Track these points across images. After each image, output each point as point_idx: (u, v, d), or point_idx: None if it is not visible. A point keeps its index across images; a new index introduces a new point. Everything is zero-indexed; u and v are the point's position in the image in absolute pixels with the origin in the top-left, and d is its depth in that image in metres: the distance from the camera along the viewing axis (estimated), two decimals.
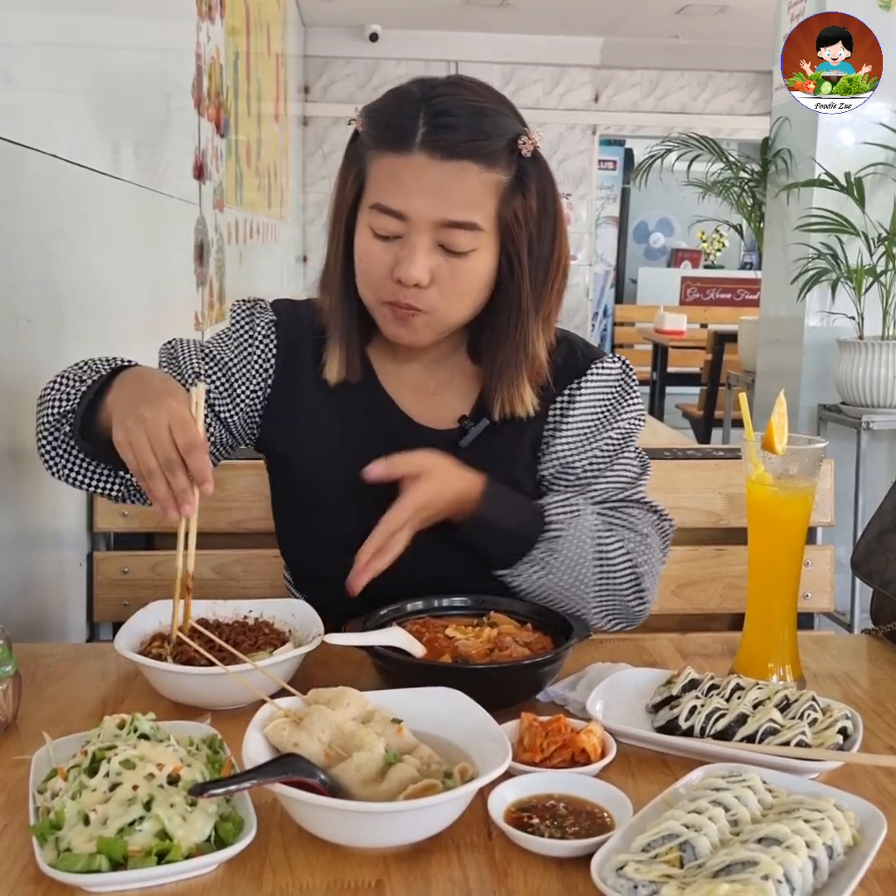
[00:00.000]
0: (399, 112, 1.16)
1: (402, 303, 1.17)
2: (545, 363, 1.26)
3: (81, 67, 1.91)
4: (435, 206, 1.14)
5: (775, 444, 1.05)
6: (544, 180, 1.20)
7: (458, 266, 1.17)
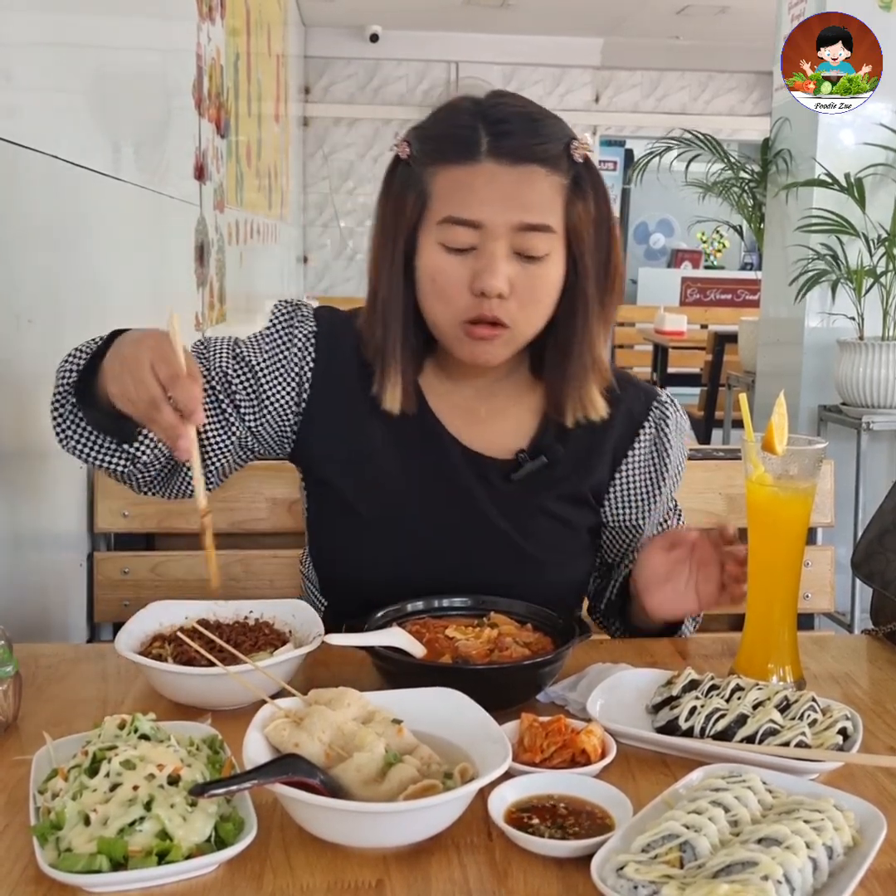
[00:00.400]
0: (456, 124, 1.16)
1: (487, 317, 1.15)
2: (608, 366, 1.27)
3: (82, 68, 1.92)
4: (509, 211, 1.13)
5: (775, 445, 1.05)
6: (598, 185, 1.20)
7: (535, 273, 1.16)
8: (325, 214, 8.59)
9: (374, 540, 1.26)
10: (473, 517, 1.26)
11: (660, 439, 1.32)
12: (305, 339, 1.27)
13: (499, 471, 1.27)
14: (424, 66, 8.40)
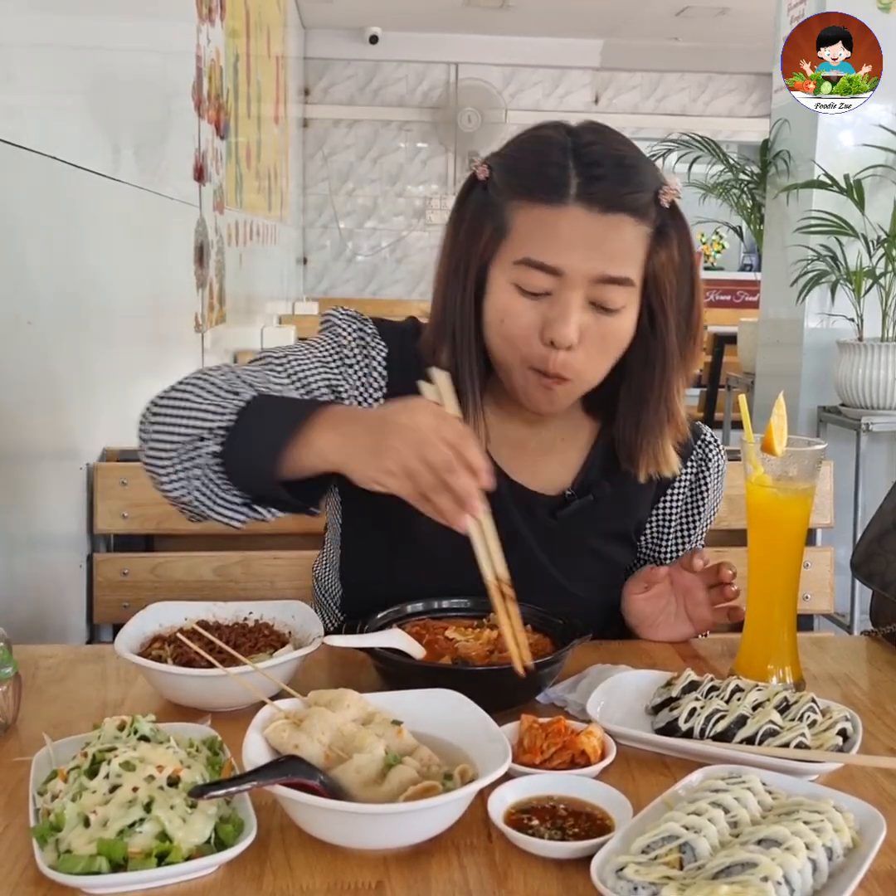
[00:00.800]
0: (546, 161, 1.10)
1: (551, 372, 1.11)
2: (684, 420, 1.23)
3: (82, 69, 1.92)
4: (593, 261, 1.08)
5: (775, 446, 1.05)
6: (683, 231, 1.15)
7: (607, 324, 1.11)
8: (324, 216, 8.59)
9: (411, 566, 1.23)
10: (517, 551, 1.21)
11: (698, 479, 1.32)
12: (380, 363, 1.22)
13: (544, 507, 1.25)
14: (424, 68, 8.40)
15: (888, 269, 3.43)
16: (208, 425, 1.08)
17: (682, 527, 1.35)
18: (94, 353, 1.97)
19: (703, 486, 1.33)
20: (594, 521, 1.27)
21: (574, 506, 1.25)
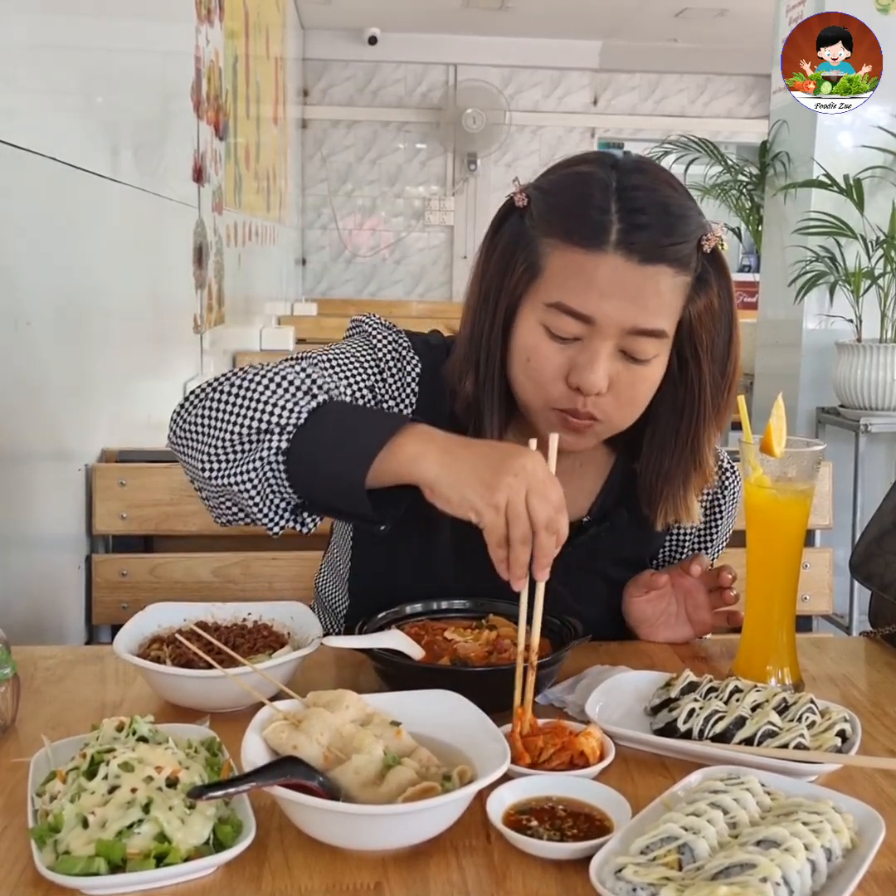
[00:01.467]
0: (587, 202, 1.06)
1: (580, 412, 1.09)
2: (713, 470, 1.20)
3: (80, 70, 1.92)
4: (627, 313, 1.05)
5: (774, 447, 1.05)
6: (723, 278, 1.12)
7: (638, 373, 1.09)
8: (323, 216, 8.59)
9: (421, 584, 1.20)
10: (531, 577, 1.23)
11: (713, 505, 1.32)
12: (413, 378, 1.20)
13: None
14: (423, 69, 8.40)
15: (887, 270, 3.43)
16: (278, 420, 1.03)
17: (694, 551, 1.35)
18: (93, 354, 1.97)
19: (718, 511, 1.33)
20: (610, 548, 1.26)
21: (591, 533, 1.24)
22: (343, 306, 7.52)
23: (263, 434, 1.04)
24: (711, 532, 1.34)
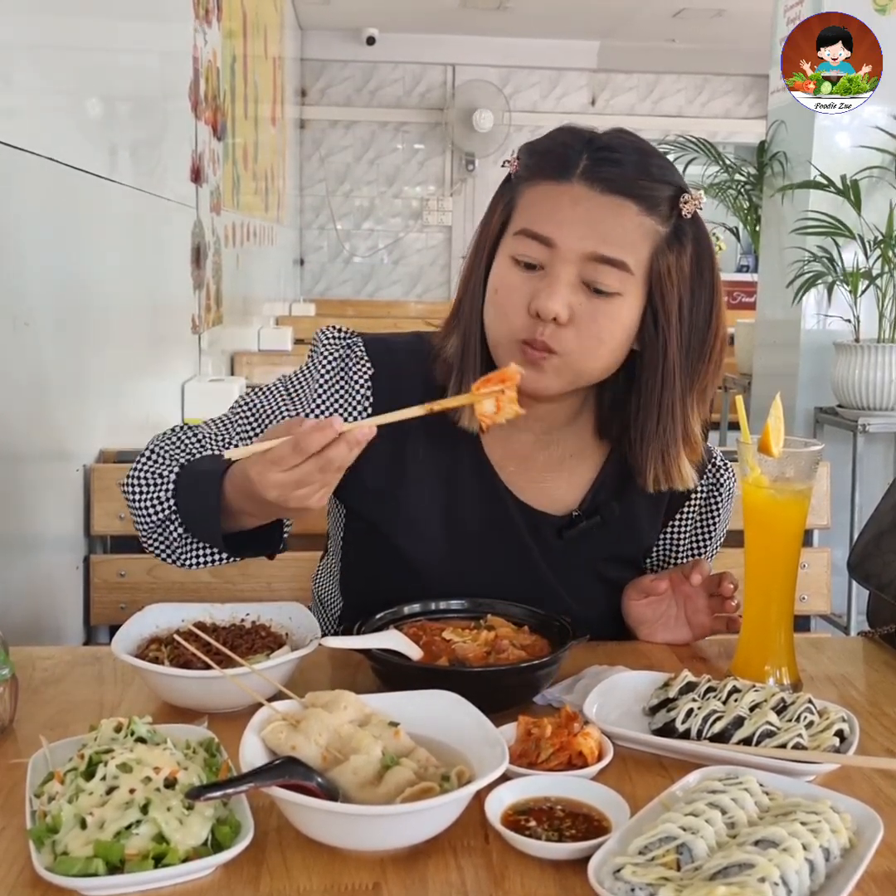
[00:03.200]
0: (562, 143, 1.13)
1: (537, 341, 1.10)
2: (700, 440, 1.20)
3: (79, 70, 1.92)
4: (586, 237, 1.08)
5: (772, 447, 1.05)
6: (703, 245, 1.14)
7: (600, 307, 1.10)
8: (321, 217, 8.59)
9: (414, 583, 1.21)
10: (523, 569, 1.23)
11: (709, 503, 1.32)
12: (363, 385, 1.21)
13: (551, 526, 1.24)
14: (421, 69, 8.40)
15: (884, 270, 3.43)
16: (159, 517, 1.18)
17: (691, 550, 1.34)
18: (91, 355, 1.97)
19: (715, 509, 1.33)
20: (601, 543, 1.26)
21: (581, 526, 1.23)
22: (341, 307, 7.52)
23: (166, 524, 1.19)
24: (709, 530, 1.34)
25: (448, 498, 1.23)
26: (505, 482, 1.24)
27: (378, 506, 1.23)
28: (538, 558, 1.24)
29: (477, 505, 1.23)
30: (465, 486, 1.23)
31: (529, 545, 1.24)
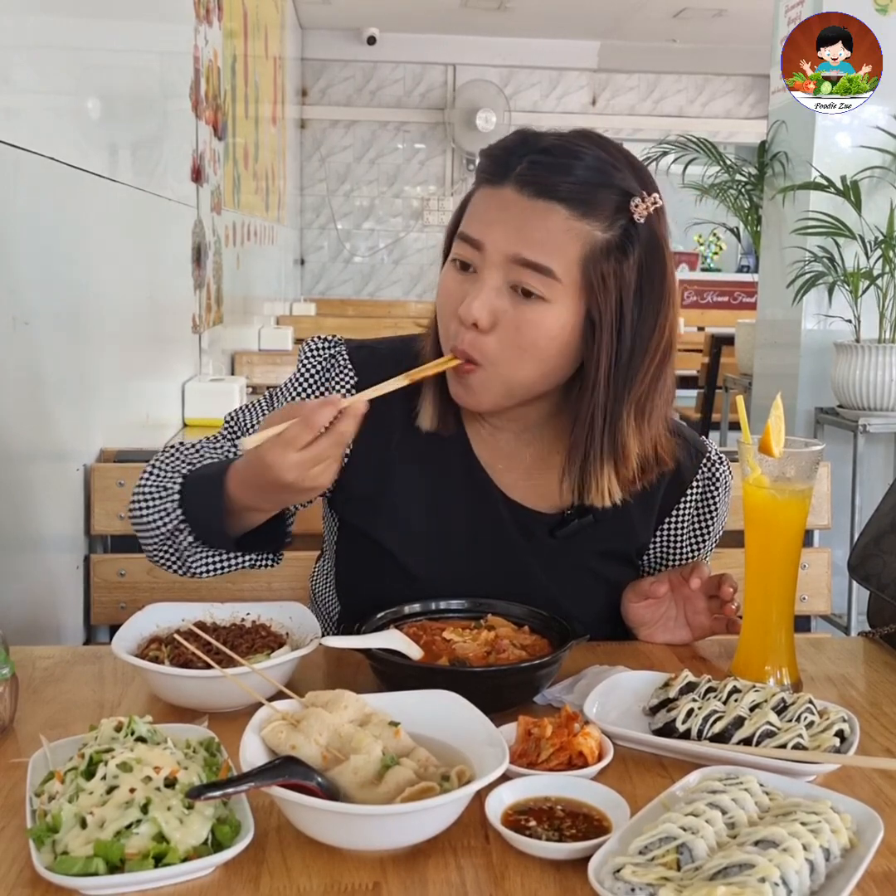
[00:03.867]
0: (507, 147, 1.13)
1: (457, 349, 1.10)
2: (633, 456, 1.14)
3: (79, 70, 1.92)
4: (510, 239, 1.08)
5: (772, 447, 1.05)
6: (653, 253, 1.10)
7: (525, 315, 1.08)
8: (322, 216, 8.59)
9: (406, 587, 1.21)
10: (512, 569, 1.23)
11: (706, 498, 1.31)
12: (347, 392, 1.22)
13: (543, 524, 1.23)
14: (421, 69, 8.41)
15: (885, 270, 3.43)
16: (168, 528, 1.19)
17: (691, 545, 1.33)
18: (91, 354, 1.97)
19: (713, 504, 1.31)
20: (594, 542, 1.25)
21: (573, 526, 1.23)
22: (341, 306, 7.52)
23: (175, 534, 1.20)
24: (708, 525, 1.32)
25: (437, 499, 1.23)
26: (495, 481, 1.24)
27: (367, 512, 1.24)
28: (530, 557, 1.24)
29: (467, 504, 1.23)
30: (455, 486, 1.23)
31: (521, 544, 1.23)
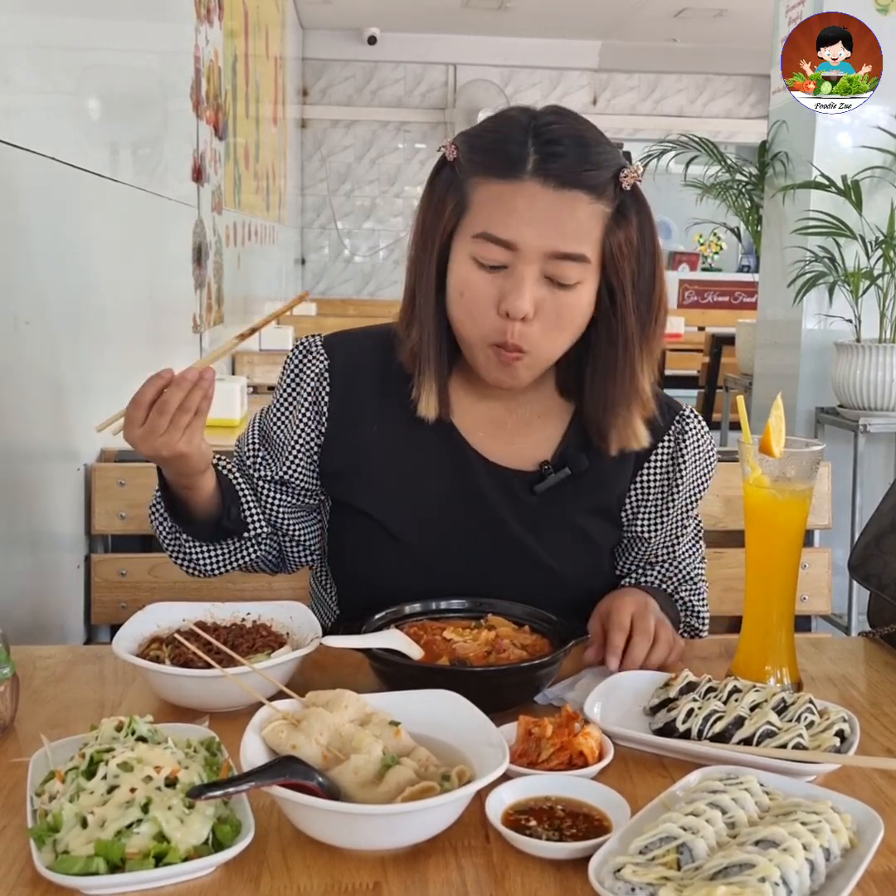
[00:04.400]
0: (506, 138, 1.14)
1: (509, 344, 1.14)
2: (651, 397, 1.24)
3: (80, 70, 1.92)
4: (546, 237, 1.11)
5: (773, 447, 1.05)
6: (643, 214, 1.18)
7: (562, 299, 1.14)
8: (322, 216, 8.59)
9: (393, 554, 1.25)
10: (497, 531, 1.25)
11: (677, 452, 1.31)
12: (318, 376, 1.28)
13: (523, 483, 1.26)
14: (422, 69, 8.40)
15: (886, 270, 3.43)
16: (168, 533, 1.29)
17: (659, 502, 1.31)
18: (92, 354, 1.97)
19: (681, 459, 1.31)
20: (574, 497, 1.27)
21: (551, 479, 1.26)
22: (342, 306, 7.52)
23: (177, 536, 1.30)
24: (677, 481, 1.31)
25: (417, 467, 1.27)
26: (475, 446, 1.27)
27: (350, 483, 1.28)
28: (513, 516, 1.25)
29: (450, 473, 1.26)
30: (438, 456, 1.26)
31: (504, 504, 1.26)
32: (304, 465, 1.29)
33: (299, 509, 1.33)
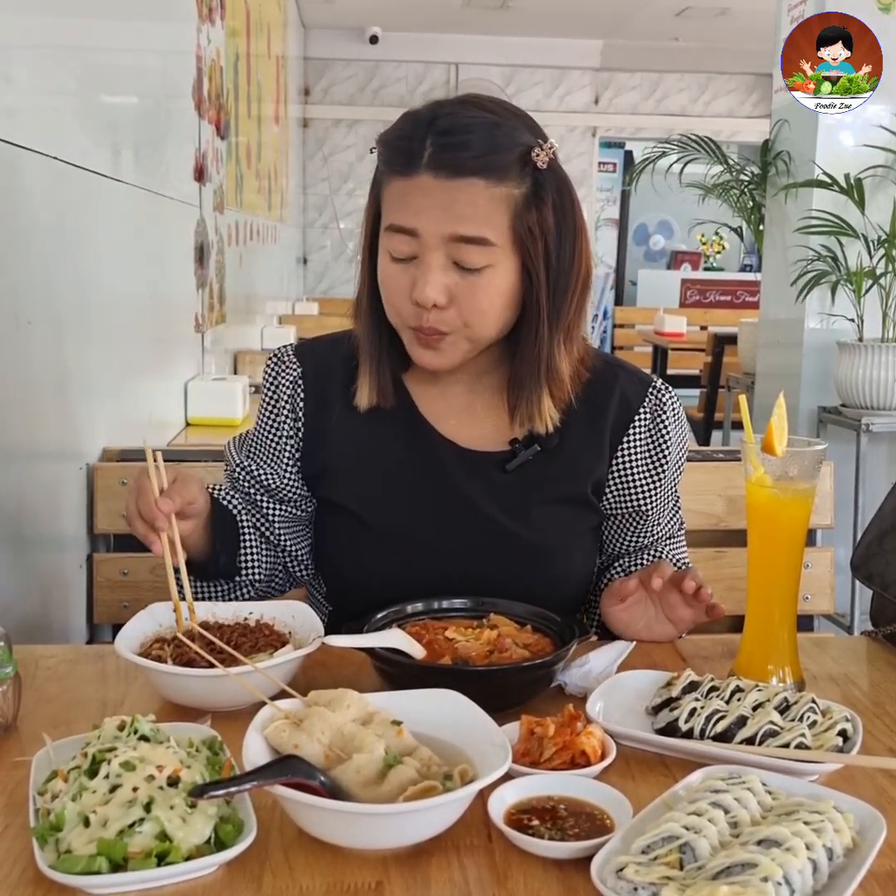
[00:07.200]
0: (406, 135, 1.17)
1: (424, 327, 1.17)
2: (566, 377, 1.24)
3: (82, 70, 1.92)
4: (443, 221, 1.13)
5: (775, 447, 1.05)
6: (562, 191, 1.19)
7: (475, 283, 1.16)
8: (324, 216, 8.60)
9: (375, 546, 1.27)
10: (471, 515, 1.26)
11: (657, 425, 1.31)
12: (293, 384, 1.32)
13: (494, 464, 1.28)
14: (424, 68, 8.41)
15: (888, 269, 3.43)
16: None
17: (648, 474, 1.31)
18: (94, 353, 1.97)
19: (664, 431, 1.31)
20: (548, 477, 1.28)
21: (522, 456, 1.27)
22: (344, 306, 7.43)
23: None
24: (664, 452, 1.31)
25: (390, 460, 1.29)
26: (446, 435, 1.29)
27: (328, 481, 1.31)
28: (486, 498, 1.27)
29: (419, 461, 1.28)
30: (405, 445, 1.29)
31: (476, 486, 1.27)
32: (292, 472, 1.32)
33: (296, 522, 1.35)
